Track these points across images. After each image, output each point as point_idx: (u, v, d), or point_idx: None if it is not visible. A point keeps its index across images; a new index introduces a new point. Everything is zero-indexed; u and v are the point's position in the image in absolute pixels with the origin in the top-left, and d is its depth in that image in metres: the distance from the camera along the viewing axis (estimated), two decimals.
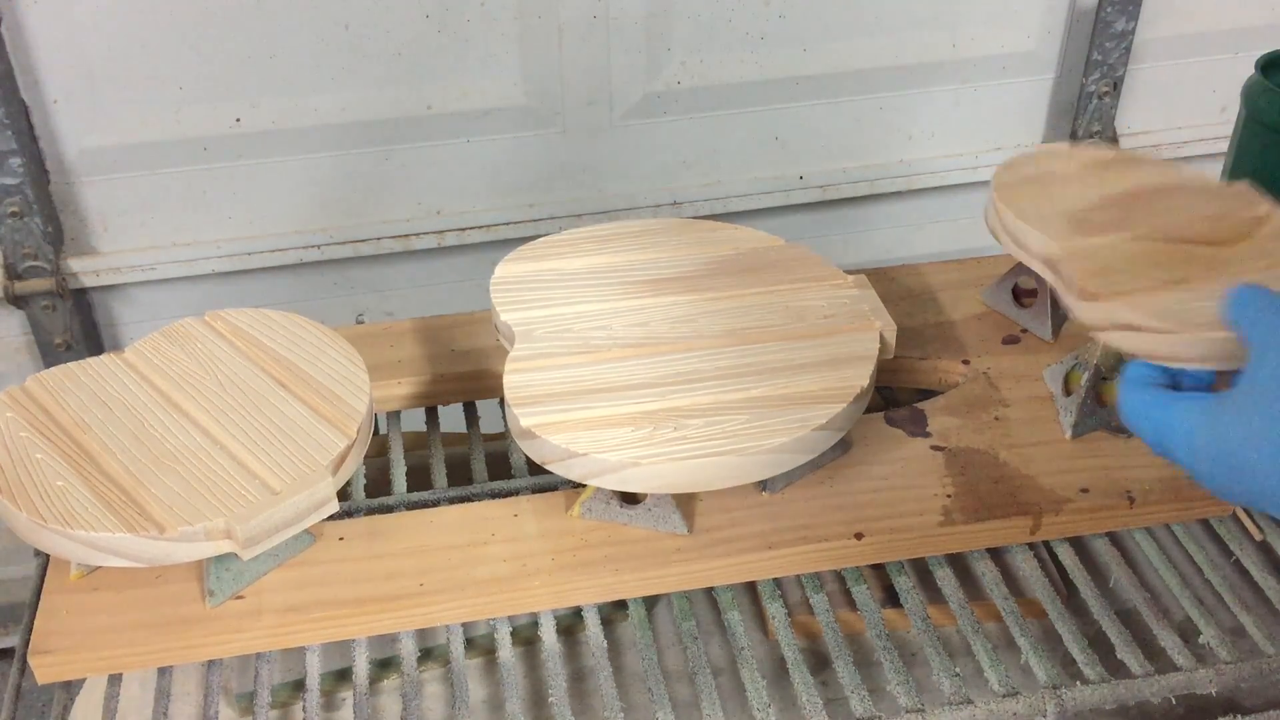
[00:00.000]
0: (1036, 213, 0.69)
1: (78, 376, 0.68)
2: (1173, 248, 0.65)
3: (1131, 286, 0.61)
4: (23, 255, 1.06)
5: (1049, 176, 0.73)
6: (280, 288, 1.17)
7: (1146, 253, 0.65)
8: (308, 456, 0.62)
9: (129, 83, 1.03)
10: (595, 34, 1.10)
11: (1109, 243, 0.66)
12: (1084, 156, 0.75)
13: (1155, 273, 0.62)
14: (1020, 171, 0.74)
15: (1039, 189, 0.72)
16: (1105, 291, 0.61)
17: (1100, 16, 1.19)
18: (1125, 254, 0.65)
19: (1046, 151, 0.77)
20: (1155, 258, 0.64)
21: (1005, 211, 0.70)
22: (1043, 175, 0.73)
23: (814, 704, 0.61)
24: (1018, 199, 0.71)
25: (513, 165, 1.15)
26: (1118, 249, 0.65)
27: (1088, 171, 0.73)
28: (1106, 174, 0.73)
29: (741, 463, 0.62)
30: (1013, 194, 0.72)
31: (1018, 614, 0.65)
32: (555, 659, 0.63)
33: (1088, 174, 0.73)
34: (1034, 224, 0.68)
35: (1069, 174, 0.73)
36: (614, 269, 0.75)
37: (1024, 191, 0.72)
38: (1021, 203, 0.70)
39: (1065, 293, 0.65)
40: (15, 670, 0.64)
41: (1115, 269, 0.63)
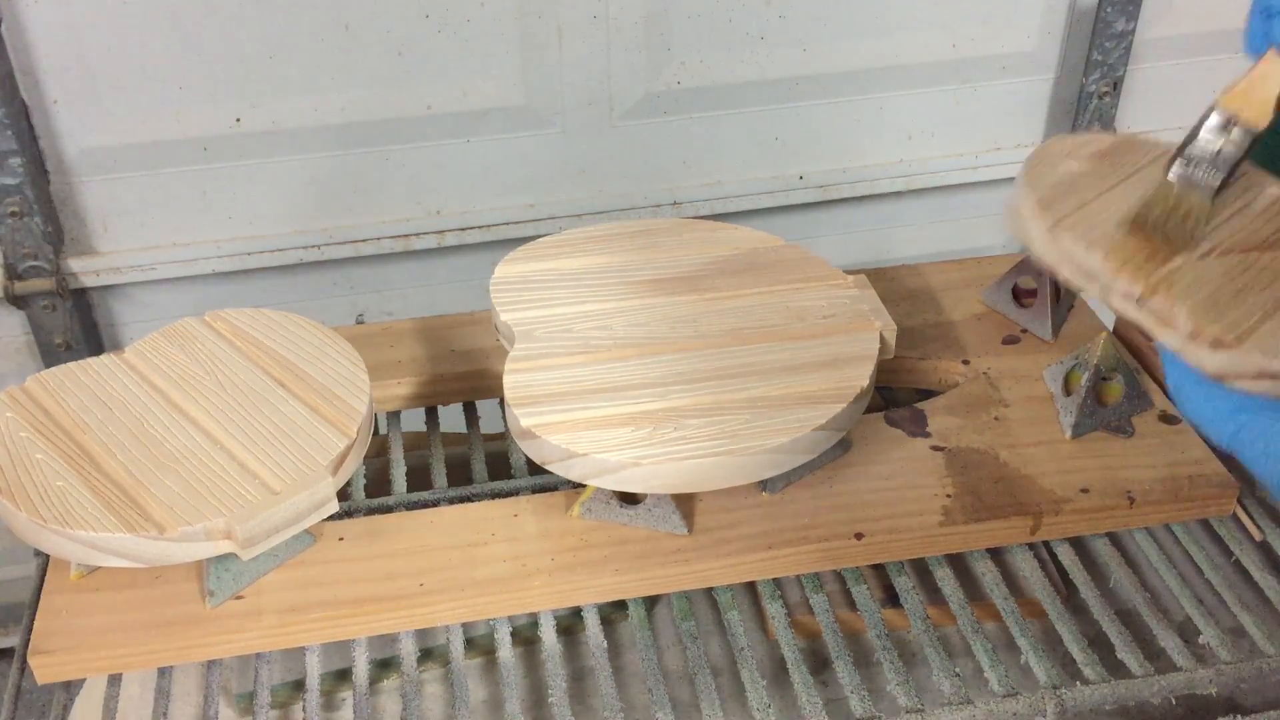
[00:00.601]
0: (1096, 234, 0.62)
1: (78, 376, 0.68)
2: (1242, 259, 0.60)
3: (1248, 320, 0.56)
4: (23, 255, 1.06)
5: (1073, 181, 0.67)
6: (280, 288, 1.17)
7: (1227, 272, 0.59)
8: (308, 456, 0.62)
9: (129, 83, 1.03)
10: (595, 34, 1.10)
11: (1187, 266, 0.59)
12: (1087, 150, 0.70)
13: (1253, 297, 0.57)
14: (1048, 181, 0.66)
15: (1077, 201, 0.64)
16: (1234, 335, 0.55)
17: (1100, 16, 1.19)
18: (1213, 278, 0.59)
19: (1049, 151, 0.71)
20: (1238, 276, 0.59)
21: (1067, 238, 0.61)
22: (1066, 181, 0.67)
23: (814, 704, 0.61)
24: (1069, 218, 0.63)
25: (513, 165, 1.15)
26: (1200, 273, 0.59)
27: (1102, 169, 0.68)
28: (1118, 170, 0.68)
29: (741, 463, 0.62)
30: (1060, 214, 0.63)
31: (1018, 614, 0.65)
32: (555, 659, 0.63)
33: (1103, 173, 0.68)
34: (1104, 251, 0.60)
35: (1087, 175, 0.68)
36: (614, 269, 0.75)
37: (1064, 207, 0.64)
38: (1074, 222, 0.62)
39: (1169, 333, 0.57)
40: (15, 670, 0.64)
41: (1220, 300, 0.57)
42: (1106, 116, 1.26)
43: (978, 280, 0.85)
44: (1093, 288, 0.61)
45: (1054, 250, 0.62)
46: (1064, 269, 0.62)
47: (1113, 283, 0.59)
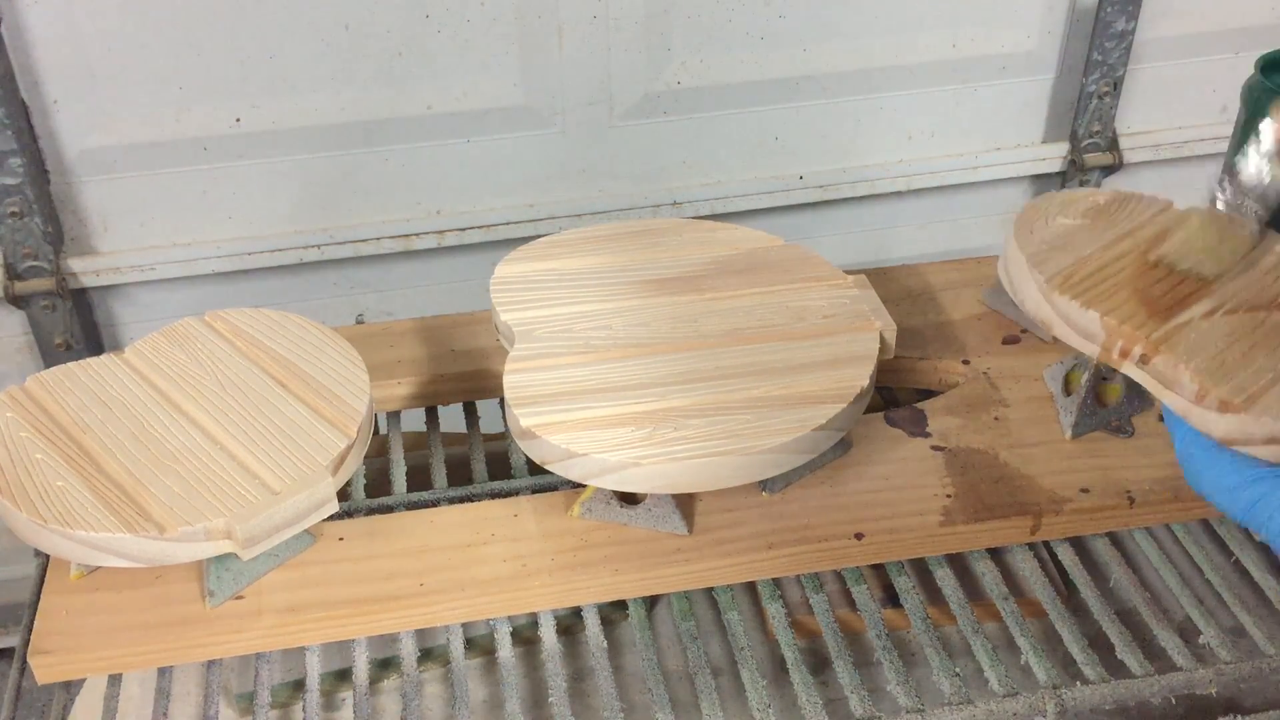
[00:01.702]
0: (1094, 292, 0.59)
1: (78, 376, 0.68)
2: (1249, 319, 0.58)
3: (1256, 382, 0.53)
4: (23, 255, 1.06)
5: (1066, 238, 0.64)
6: (280, 288, 1.17)
7: (1233, 332, 0.57)
8: (308, 456, 0.62)
9: (129, 83, 1.03)
10: (595, 34, 1.10)
11: (1191, 325, 0.57)
12: (1082, 205, 0.67)
13: (1261, 358, 0.55)
14: (1040, 237, 0.64)
15: (1071, 258, 0.62)
16: (1241, 398, 0.52)
17: (1100, 16, 1.19)
18: (1218, 338, 0.57)
19: (1041, 205, 0.67)
20: (1245, 336, 0.57)
21: (1061, 297, 0.59)
22: (1059, 238, 0.64)
23: (814, 704, 0.61)
24: (1066, 279, 0.60)
25: (513, 165, 1.15)
26: (1205, 333, 0.57)
27: (1098, 225, 0.65)
28: (1115, 226, 0.65)
29: (741, 463, 0.62)
30: (1054, 271, 0.61)
31: (1018, 614, 0.65)
32: (555, 659, 0.63)
33: (1100, 229, 0.64)
34: (1103, 310, 0.58)
35: (1082, 230, 0.64)
36: (614, 269, 0.75)
37: (1058, 264, 0.61)
38: (1069, 282, 0.60)
39: (1172, 395, 0.55)
40: (15, 670, 0.63)
41: (1226, 361, 0.55)
42: (1106, 116, 1.26)
43: (978, 280, 0.85)
44: (1091, 347, 0.58)
45: (1048, 309, 0.60)
46: (1059, 328, 0.60)
47: (1113, 342, 0.57)
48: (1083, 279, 0.60)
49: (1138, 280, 0.60)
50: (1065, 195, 0.67)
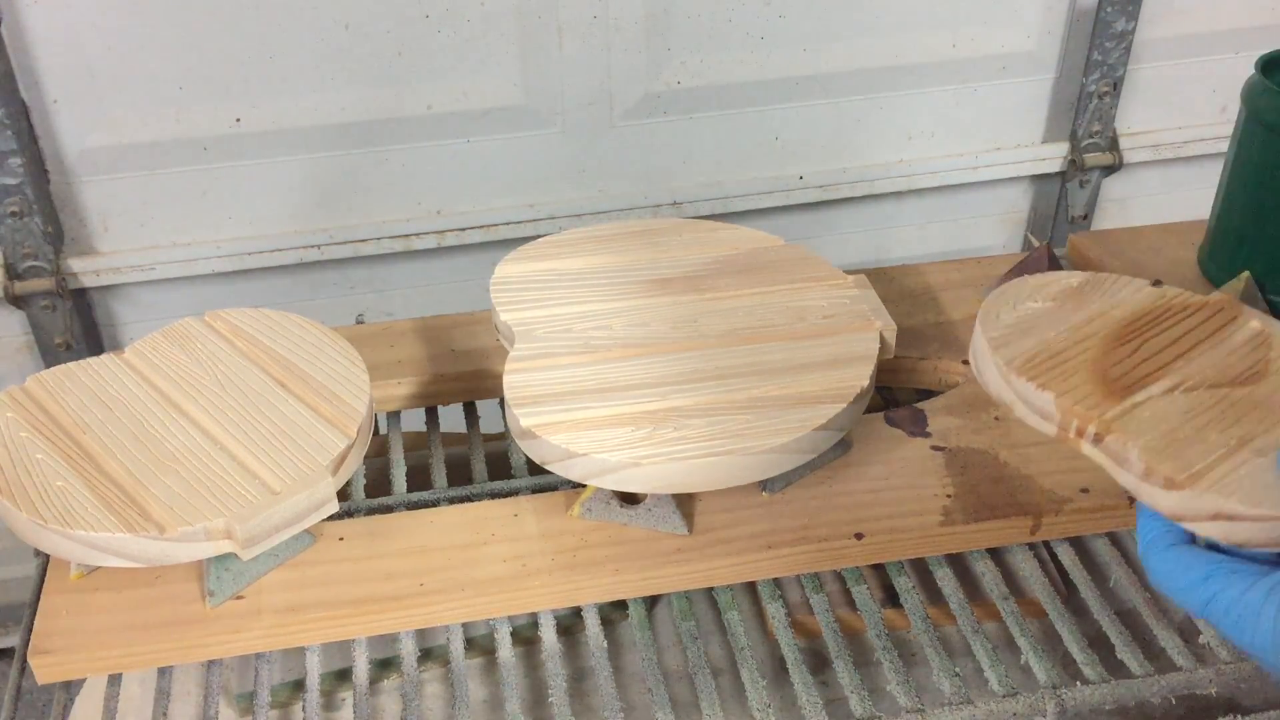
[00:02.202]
0: (1053, 374, 0.60)
1: (78, 376, 0.68)
2: (1208, 395, 0.59)
3: (1204, 459, 0.54)
4: (23, 255, 1.06)
5: (1033, 321, 0.65)
6: (280, 288, 1.17)
7: (1190, 409, 0.58)
8: (308, 456, 0.62)
9: (129, 83, 1.03)
10: (595, 34, 1.10)
11: (1147, 404, 0.58)
12: (1053, 289, 0.67)
13: (1215, 435, 0.56)
14: (1005, 321, 0.64)
15: (1035, 341, 0.63)
16: (1185, 474, 0.53)
17: (1100, 16, 1.19)
18: (1172, 415, 0.57)
19: (1011, 291, 0.67)
20: (1202, 414, 0.57)
21: (1019, 380, 0.60)
22: (1026, 321, 0.65)
23: (814, 704, 0.61)
24: (1026, 362, 0.61)
25: (513, 165, 1.15)
26: (1160, 410, 0.58)
27: (1067, 308, 0.65)
28: (1085, 308, 0.65)
29: (742, 463, 0.62)
30: (1015, 354, 0.62)
31: (1018, 614, 0.65)
32: (555, 659, 0.63)
33: (1068, 311, 0.65)
34: (1058, 391, 0.59)
35: (1049, 314, 0.65)
36: (614, 269, 0.75)
37: (1020, 347, 0.62)
38: (1029, 364, 0.61)
39: (1124, 474, 0.56)
40: (15, 670, 0.63)
41: (1176, 438, 0.56)
42: (1106, 116, 1.26)
43: (978, 280, 0.85)
44: (1049, 427, 0.59)
45: (1008, 391, 0.61)
46: (1019, 409, 0.61)
47: (1068, 422, 0.58)
48: (1043, 361, 0.61)
49: (1100, 360, 0.61)
50: (1037, 280, 0.68)
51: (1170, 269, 0.87)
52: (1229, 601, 0.48)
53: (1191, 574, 0.49)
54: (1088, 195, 1.32)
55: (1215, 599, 0.48)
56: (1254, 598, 0.47)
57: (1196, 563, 0.50)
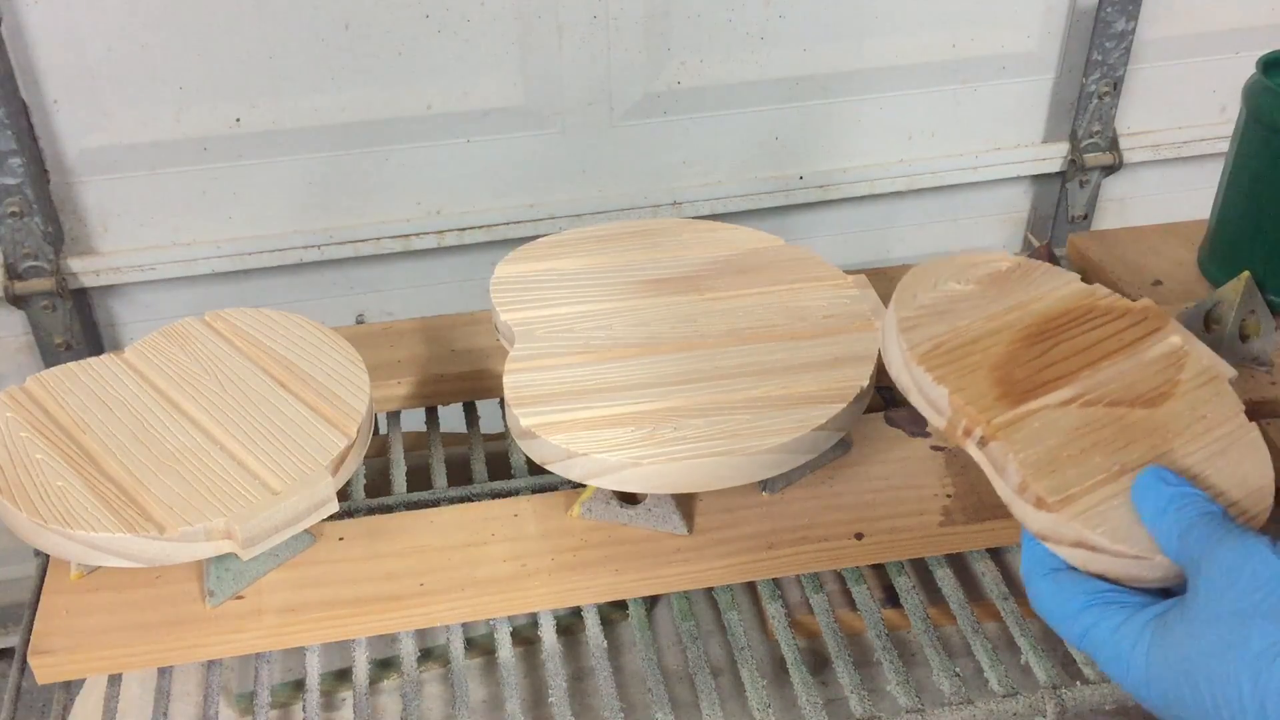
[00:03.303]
0: (953, 367, 0.58)
1: (78, 376, 0.68)
2: (1105, 413, 0.56)
3: (1080, 483, 0.52)
4: (23, 255, 1.06)
5: (951, 304, 0.62)
6: (280, 288, 1.17)
7: (1083, 426, 0.55)
8: (308, 456, 0.62)
9: (129, 83, 1.03)
10: (595, 34, 1.10)
11: (1041, 413, 0.56)
12: (979, 271, 0.64)
13: (1099, 458, 0.54)
14: (920, 302, 0.61)
15: (946, 327, 0.60)
16: (1057, 498, 0.52)
17: (1100, 16, 1.19)
18: (1062, 430, 0.55)
19: (935, 269, 0.64)
20: (1093, 432, 0.55)
21: (917, 367, 0.58)
22: (943, 304, 0.62)
23: (814, 704, 0.61)
24: (927, 348, 0.59)
25: (513, 165, 1.15)
26: (1052, 422, 0.55)
27: (989, 294, 0.63)
28: (1008, 296, 0.62)
29: (741, 463, 0.62)
30: (921, 339, 0.59)
31: (1018, 614, 0.65)
32: (555, 659, 0.63)
33: (989, 298, 0.62)
34: (953, 387, 0.57)
35: (970, 298, 0.62)
36: (614, 269, 0.75)
37: (930, 331, 0.59)
38: (933, 353, 0.58)
39: (1001, 482, 0.55)
40: (15, 670, 0.64)
41: (1059, 456, 0.54)
42: (1106, 116, 1.26)
43: None
44: (939, 420, 0.57)
45: (906, 377, 0.59)
46: (914, 397, 0.59)
47: (957, 420, 0.56)
48: (949, 351, 0.59)
49: (1005, 359, 0.59)
50: (965, 259, 0.65)
51: (1170, 269, 0.87)
52: (1103, 635, 0.47)
53: (1070, 603, 0.49)
54: (1088, 195, 1.32)
55: (1090, 631, 0.47)
56: (1128, 632, 0.46)
57: (1076, 592, 0.49)
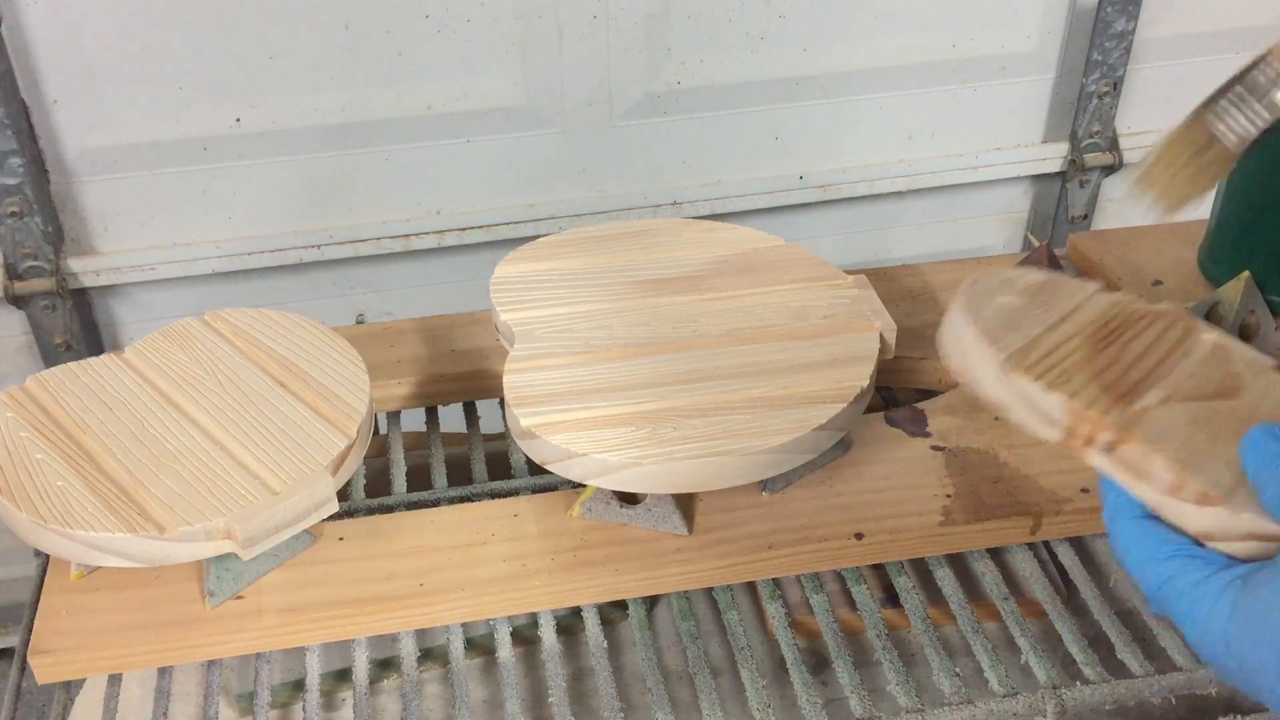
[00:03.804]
0: (1053, 375, 0.55)
1: (78, 376, 0.68)
2: (1201, 408, 0.54)
3: (1226, 475, 0.50)
4: (23, 255, 1.06)
5: (1010, 317, 0.60)
6: (280, 288, 1.17)
7: (1191, 421, 0.53)
8: (308, 456, 0.62)
9: (129, 83, 1.03)
10: (595, 34, 1.10)
11: (1151, 413, 0.53)
12: (1019, 284, 0.62)
13: (1227, 450, 0.51)
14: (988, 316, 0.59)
15: (1022, 338, 0.58)
16: (1219, 491, 0.49)
17: (1100, 16, 1.19)
18: (1180, 427, 0.53)
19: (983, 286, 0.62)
20: (1204, 426, 0.53)
21: (1022, 378, 0.55)
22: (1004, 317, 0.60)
23: (814, 704, 0.61)
24: (1034, 362, 0.56)
25: (513, 165, 1.15)
26: (1167, 421, 0.53)
27: (1037, 305, 0.61)
28: (1053, 307, 0.61)
29: (741, 463, 0.62)
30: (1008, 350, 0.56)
31: (1018, 614, 0.65)
32: (555, 659, 0.63)
33: (1041, 309, 0.61)
34: (1068, 393, 0.54)
35: (1024, 310, 0.60)
36: (614, 269, 0.75)
37: (1007, 343, 0.57)
38: (1033, 365, 0.55)
39: (1144, 486, 0.51)
40: (15, 670, 0.64)
41: (1196, 451, 0.51)
42: (1106, 116, 1.26)
43: None
44: (1053, 432, 0.54)
45: (1004, 390, 0.56)
46: (1017, 411, 0.56)
47: (1077, 427, 0.53)
48: (1038, 360, 0.56)
49: (1092, 365, 0.57)
50: (1002, 274, 0.63)
51: (1170, 269, 0.87)
52: (1184, 587, 0.46)
53: (1155, 550, 0.47)
54: (1088, 195, 1.32)
55: (1171, 581, 0.46)
56: (1211, 588, 0.45)
57: (1161, 540, 0.48)
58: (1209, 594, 0.45)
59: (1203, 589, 0.45)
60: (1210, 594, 0.45)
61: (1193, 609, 0.45)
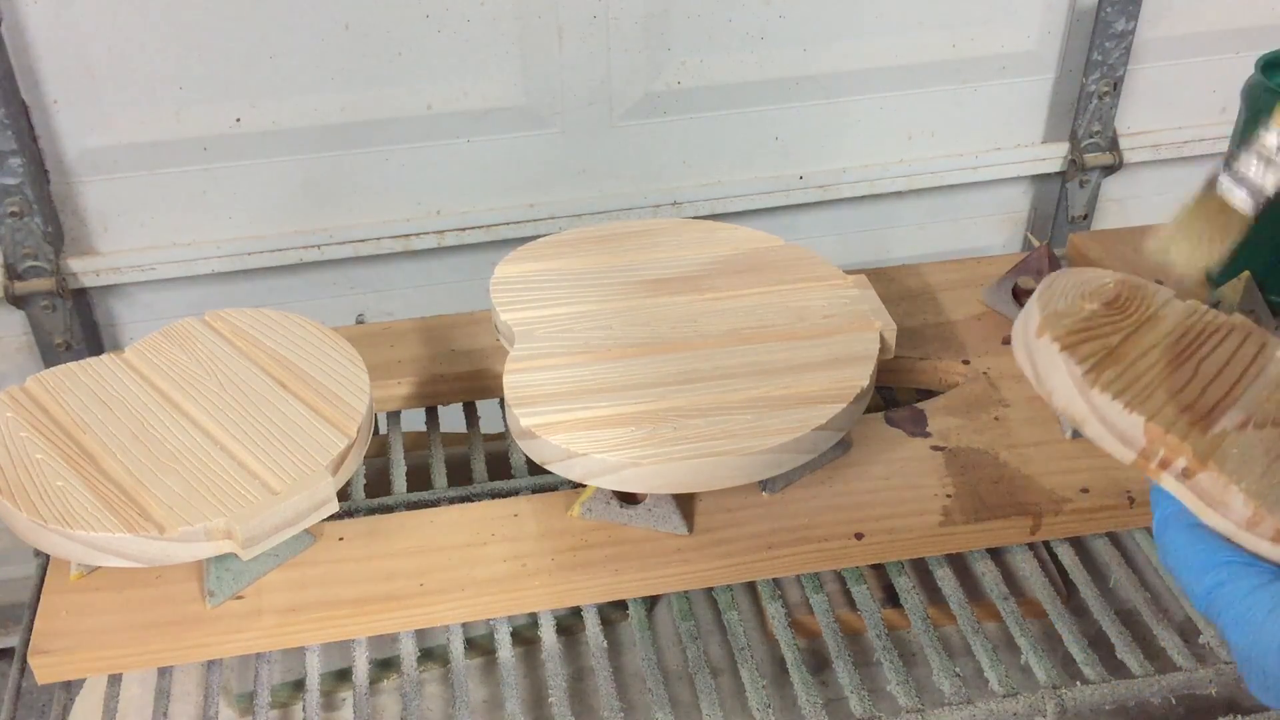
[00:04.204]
0: (1131, 393, 0.53)
1: (78, 376, 0.68)
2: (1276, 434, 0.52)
3: None
4: (23, 255, 1.06)
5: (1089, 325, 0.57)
6: (280, 288, 1.17)
7: (1265, 449, 0.51)
8: (308, 456, 0.62)
9: (129, 83, 1.03)
10: (595, 34, 1.10)
11: (1229, 438, 0.52)
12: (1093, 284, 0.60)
13: None
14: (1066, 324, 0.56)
15: (1101, 349, 0.55)
16: None
17: (1100, 16, 1.19)
18: (1259, 455, 0.51)
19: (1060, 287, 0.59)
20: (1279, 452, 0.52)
21: (1102, 395, 0.52)
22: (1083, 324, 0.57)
23: (814, 704, 0.61)
24: (1114, 378, 0.53)
25: (513, 165, 1.15)
26: (1246, 447, 0.51)
27: (1114, 313, 0.58)
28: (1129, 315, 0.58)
29: (741, 463, 0.62)
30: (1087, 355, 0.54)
31: (1018, 614, 0.65)
32: (555, 659, 0.63)
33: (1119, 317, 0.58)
34: (1147, 414, 0.52)
35: (1102, 318, 0.58)
36: (614, 269, 0.75)
37: (1086, 353, 0.54)
38: (1115, 381, 0.53)
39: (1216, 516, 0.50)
40: (15, 670, 0.64)
41: (1274, 485, 0.49)
42: (1106, 116, 1.26)
43: (978, 280, 0.85)
44: (1126, 453, 0.52)
45: (1082, 405, 0.54)
46: (1091, 427, 0.53)
47: (1153, 451, 0.51)
48: (1118, 375, 0.54)
49: (1168, 381, 0.54)
50: (1079, 274, 0.60)
51: None
52: (1236, 594, 0.46)
53: (1206, 558, 0.47)
54: (1088, 195, 1.32)
55: (1222, 587, 0.46)
56: (1264, 598, 0.45)
57: (1213, 548, 0.48)
58: (1263, 603, 0.45)
59: (1256, 597, 0.45)
60: (1264, 603, 0.45)
61: (1244, 616, 0.45)
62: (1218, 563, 0.47)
